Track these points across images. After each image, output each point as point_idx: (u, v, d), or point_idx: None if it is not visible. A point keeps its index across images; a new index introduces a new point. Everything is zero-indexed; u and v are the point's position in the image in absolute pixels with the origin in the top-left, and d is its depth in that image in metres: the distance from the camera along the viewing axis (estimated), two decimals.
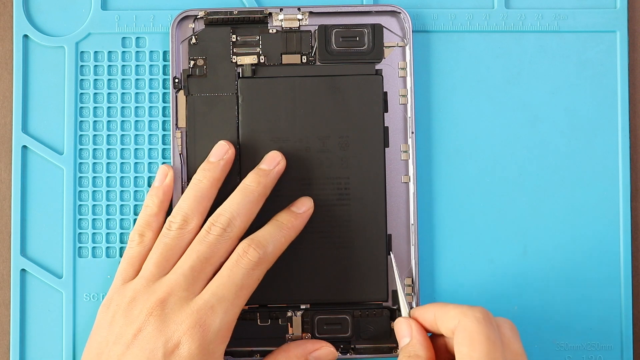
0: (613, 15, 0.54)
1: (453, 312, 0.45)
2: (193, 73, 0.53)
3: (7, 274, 0.54)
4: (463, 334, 0.44)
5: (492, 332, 0.44)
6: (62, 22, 0.54)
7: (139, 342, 0.46)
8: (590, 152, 0.54)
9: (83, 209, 0.53)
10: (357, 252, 0.52)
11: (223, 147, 0.51)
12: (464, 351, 0.44)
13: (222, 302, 0.47)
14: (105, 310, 0.48)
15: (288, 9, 0.53)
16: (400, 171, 0.53)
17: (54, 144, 0.54)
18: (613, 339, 0.53)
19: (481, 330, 0.44)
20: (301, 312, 0.52)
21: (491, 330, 0.44)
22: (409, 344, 0.47)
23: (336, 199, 0.52)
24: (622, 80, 0.54)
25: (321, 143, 0.52)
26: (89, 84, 0.54)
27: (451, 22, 0.54)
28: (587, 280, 0.53)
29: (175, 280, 0.47)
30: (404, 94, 0.53)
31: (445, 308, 0.46)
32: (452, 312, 0.45)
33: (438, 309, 0.46)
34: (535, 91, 0.54)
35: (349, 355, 0.52)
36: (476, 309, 0.45)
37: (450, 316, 0.45)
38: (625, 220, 0.53)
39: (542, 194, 0.54)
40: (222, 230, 0.48)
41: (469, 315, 0.44)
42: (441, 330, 0.46)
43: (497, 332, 0.44)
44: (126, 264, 0.50)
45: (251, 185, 0.50)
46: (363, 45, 0.53)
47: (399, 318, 0.48)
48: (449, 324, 0.45)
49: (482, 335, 0.44)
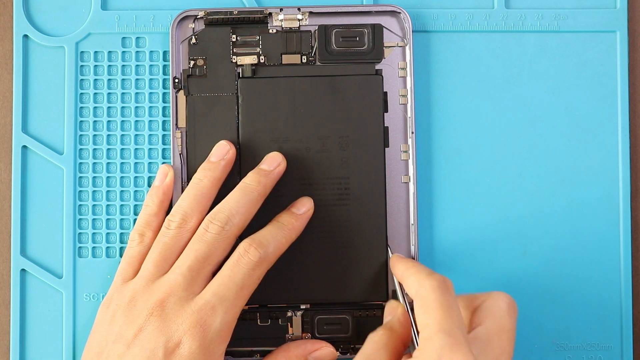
0: (613, 15, 0.54)
1: (413, 278, 0.46)
2: (193, 73, 0.53)
3: (7, 274, 0.54)
4: (419, 303, 0.44)
5: (446, 299, 0.44)
6: (62, 22, 0.54)
7: (139, 341, 0.46)
8: (590, 152, 0.54)
9: (83, 209, 0.53)
10: (357, 252, 0.52)
11: (224, 147, 0.51)
12: (420, 319, 0.44)
13: (222, 302, 0.47)
14: (105, 310, 0.48)
15: (288, 9, 0.53)
16: (400, 171, 0.53)
17: (54, 144, 0.54)
18: (613, 339, 0.53)
19: (436, 298, 0.44)
20: (301, 312, 0.52)
21: (446, 298, 0.44)
22: (389, 321, 0.48)
23: (336, 199, 0.52)
24: (622, 80, 0.54)
25: (321, 143, 0.52)
26: (89, 84, 0.54)
27: (451, 22, 0.54)
28: (587, 280, 0.53)
29: (174, 280, 0.47)
30: (404, 94, 0.53)
31: (409, 271, 0.46)
32: (412, 277, 0.46)
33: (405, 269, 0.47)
34: (535, 91, 0.54)
35: (349, 355, 0.52)
36: (433, 277, 0.45)
37: (411, 282, 0.46)
38: (625, 220, 0.53)
39: (542, 194, 0.54)
40: (220, 228, 0.48)
41: (424, 285, 0.45)
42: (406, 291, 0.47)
43: (454, 301, 0.44)
44: (126, 263, 0.50)
45: (251, 184, 0.50)
46: (363, 45, 0.53)
47: (391, 300, 0.50)
48: (410, 289, 0.46)
49: (436, 303, 0.44)
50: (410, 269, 0.47)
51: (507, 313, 0.46)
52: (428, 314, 0.44)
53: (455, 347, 0.42)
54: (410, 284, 0.46)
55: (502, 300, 0.46)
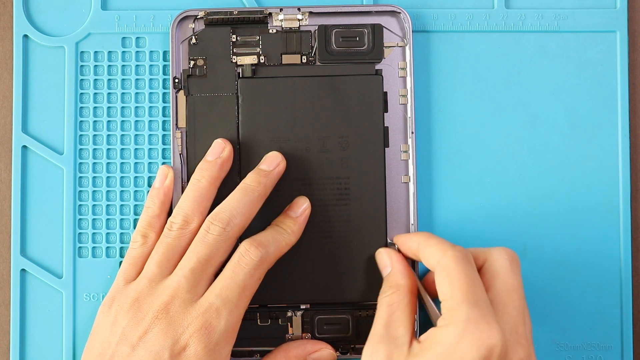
0: (613, 15, 0.54)
1: (434, 249, 0.46)
2: (193, 73, 0.53)
3: (7, 274, 0.54)
4: (443, 273, 0.45)
5: (471, 271, 0.45)
6: (62, 22, 0.54)
7: (144, 343, 0.46)
8: (590, 152, 0.54)
9: (83, 209, 0.53)
10: (357, 252, 0.52)
11: (220, 146, 0.51)
12: (444, 289, 0.45)
13: (226, 304, 0.47)
14: (107, 310, 0.48)
15: (288, 9, 0.53)
16: (400, 171, 0.53)
17: (54, 144, 0.54)
18: (613, 339, 0.53)
19: (460, 270, 0.45)
20: (301, 312, 0.52)
21: (470, 269, 0.45)
22: (390, 274, 0.48)
23: (336, 199, 0.52)
24: (622, 80, 0.54)
25: (321, 143, 0.52)
26: (89, 84, 0.54)
27: (451, 22, 0.54)
28: (587, 280, 0.53)
29: (177, 283, 0.47)
30: (404, 94, 0.53)
31: (429, 241, 0.47)
32: (432, 248, 0.46)
33: (423, 240, 0.47)
34: (535, 91, 0.54)
35: (349, 355, 0.52)
36: (456, 248, 0.46)
37: (431, 252, 0.46)
38: (625, 220, 0.53)
39: (542, 194, 0.54)
40: (221, 229, 0.48)
41: (448, 255, 0.45)
42: (423, 262, 0.47)
43: (476, 272, 0.45)
44: (128, 264, 0.50)
45: (251, 184, 0.50)
46: (363, 45, 0.53)
47: (380, 249, 0.50)
48: (430, 259, 0.46)
49: (461, 274, 0.44)
50: (429, 240, 0.47)
51: (512, 270, 0.46)
52: (453, 284, 0.44)
53: (481, 318, 0.43)
54: (431, 253, 0.46)
55: (504, 259, 0.47)
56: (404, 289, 0.47)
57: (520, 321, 0.45)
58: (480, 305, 0.44)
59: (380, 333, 0.46)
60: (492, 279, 0.46)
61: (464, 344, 0.43)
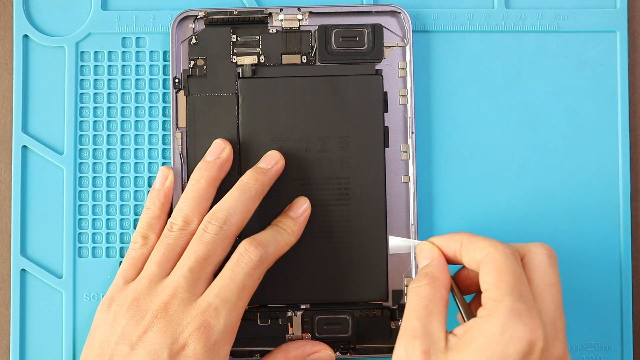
0: (613, 15, 0.54)
1: (482, 244, 0.46)
2: (193, 73, 0.53)
3: (7, 274, 0.54)
4: (491, 265, 0.45)
5: (518, 268, 0.45)
6: (62, 22, 0.54)
7: (143, 343, 0.46)
8: (590, 152, 0.54)
9: (83, 209, 0.53)
10: (357, 252, 0.52)
11: (219, 146, 0.51)
12: (491, 280, 0.44)
13: (225, 303, 0.47)
14: (106, 310, 0.48)
15: (288, 9, 0.53)
16: (400, 171, 0.53)
17: (54, 144, 0.54)
18: (613, 339, 0.53)
19: (509, 264, 0.44)
20: (301, 312, 0.52)
21: (518, 267, 0.45)
22: (428, 265, 0.47)
23: (336, 199, 0.52)
24: (622, 80, 0.54)
25: (321, 143, 0.52)
26: (89, 84, 0.54)
27: (451, 22, 0.54)
28: (587, 280, 0.53)
29: (176, 282, 0.47)
30: (404, 94, 0.53)
31: (474, 238, 0.46)
32: (481, 243, 0.46)
33: (466, 238, 0.47)
34: (535, 91, 0.54)
35: (349, 355, 0.52)
36: (506, 245, 0.45)
37: (479, 247, 0.46)
38: (625, 220, 0.53)
39: (542, 194, 0.54)
40: (218, 228, 0.48)
41: (498, 249, 0.45)
42: (464, 260, 0.46)
43: (522, 269, 0.45)
44: (128, 264, 0.50)
45: (249, 182, 0.50)
46: (363, 45, 0.53)
47: (423, 242, 0.48)
48: (476, 254, 0.46)
49: (510, 269, 0.44)
50: (474, 237, 0.46)
51: (550, 265, 0.46)
52: (500, 276, 0.44)
53: (525, 312, 0.43)
54: (478, 248, 0.45)
55: (543, 253, 0.46)
56: (440, 282, 0.46)
57: (558, 316, 0.45)
58: (525, 299, 0.43)
59: (414, 327, 0.44)
60: (531, 273, 0.46)
61: (507, 335, 0.42)
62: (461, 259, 0.47)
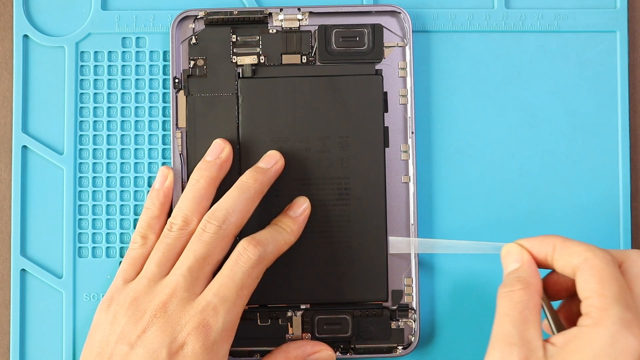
0: (613, 15, 0.54)
1: (579, 248, 0.43)
2: (193, 73, 0.53)
3: (7, 274, 0.54)
4: (591, 272, 0.42)
5: (619, 275, 0.42)
6: (62, 22, 0.54)
7: (142, 342, 0.46)
8: (590, 152, 0.54)
9: (83, 209, 0.53)
10: (357, 252, 0.52)
11: (219, 146, 0.51)
12: (594, 288, 0.42)
13: (224, 302, 0.47)
14: (106, 310, 0.48)
15: (288, 9, 0.53)
16: (400, 171, 0.53)
17: (54, 144, 0.54)
18: None
19: (611, 271, 0.42)
20: (301, 312, 0.52)
21: (618, 273, 0.42)
22: (520, 269, 0.45)
23: (336, 199, 0.52)
24: (622, 80, 0.54)
25: (321, 143, 0.52)
26: (89, 84, 0.54)
27: (451, 22, 0.54)
28: None
29: (175, 282, 0.47)
30: (404, 94, 0.53)
31: (569, 242, 0.44)
32: (577, 247, 0.43)
33: (559, 242, 0.44)
34: (535, 91, 0.54)
35: (349, 355, 0.52)
36: (605, 251, 0.43)
37: (575, 251, 0.43)
38: (625, 220, 0.53)
39: (542, 194, 0.54)
40: (217, 227, 0.48)
41: (598, 255, 0.43)
42: (556, 264, 0.44)
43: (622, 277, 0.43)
44: (127, 264, 0.50)
45: (248, 181, 0.50)
46: (363, 45, 0.53)
47: (510, 244, 0.46)
48: (572, 259, 0.43)
49: (612, 276, 0.42)
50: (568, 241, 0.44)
51: None
52: (604, 283, 0.42)
53: (635, 322, 0.41)
54: (575, 252, 0.43)
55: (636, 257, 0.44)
56: (534, 288, 0.44)
57: None
58: (632, 309, 0.41)
59: (510, 334, 0.42)
60: (631, 281, 0.43)
61: (618, 346, 0.40)
62: (553, 263, 0.44)
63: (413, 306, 0.52)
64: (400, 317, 0.52)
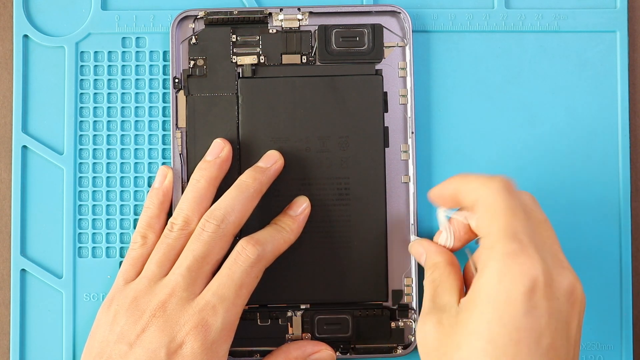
0: (613, 15, 0.54)
1: (473, 185, 0.44)
2: (193, 73, 0.53)
3: (7, 274, 0.54)
4: (482, 208, 0.43)
5: (512, 201, 0.42)
6: (62, 22, 0.54)
7: (141, 342, 0.46)
8: (590, 152, 0.54)
9: (83, 209, 0.53)
10: (357, 252, 0.52)
11: (219, 146, 0.51)
12: (485, 226, 0.42)
13: (223, 301, 0.47)
14: (106, 310, 0.48)
15: (288, 9, 0.53)
16: (400, 171, 0.53)
17: (54, 144, 0.54)
18: (613, 339, 0.53)
19: (500, 201, 0.42)
20: (301, 312, 0.52)
21: (512, 199, 0.42)
22: (426, 257, 0.48)
23: (336, 199, 0.52)
24: (622, 80, 0.54)
25: (321, 143, 0.52)
26: (89, 84, 0.54)
27: (451, 22, 0.54)
28: (587, 280, 0.53)
29: (174, 281, 0.47)
30: (404, 94, 0.53)
31: (466, 180, 0.45)
32: (472, 184, 0.44)
33: (459, 181, 0.45)
34: (535, 91, 0.54)
35: (349, 355, 0.52)
36: (495, 178, 0.43)
37: (471, 188, 0.44)
38: (625, 220, 0.53)
39: (542, 193, 0.53)
40: (216, 226, 0.48)
41: (491, 187, 0.43)
42: (463, 204, 0.45)
43: (518, 201, 0.43)
44: (128, 264, 0.50)
45: (247, 181, 0.50)
46: (363, 45, 0.53)
47: (411, 243, 0.50)
48: (470, 196, 0.44)
49: (502, 205, 0.42)
50: (466, 178, 0.45)
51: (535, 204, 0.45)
52: (492, 219, 0.42)
53: (520, 251, 0.41)
54: (471, 189, 0.44)
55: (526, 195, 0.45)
56: (441, 264, 0.46)
57: (558, 249, 0.43)
58: (519, 237, 0.41)
59: (428, 307, 0.45)
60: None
61: (505, 282, 0.41)
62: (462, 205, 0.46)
63: (413, 306, 0.52)
64: (400, 317, 0.52)
